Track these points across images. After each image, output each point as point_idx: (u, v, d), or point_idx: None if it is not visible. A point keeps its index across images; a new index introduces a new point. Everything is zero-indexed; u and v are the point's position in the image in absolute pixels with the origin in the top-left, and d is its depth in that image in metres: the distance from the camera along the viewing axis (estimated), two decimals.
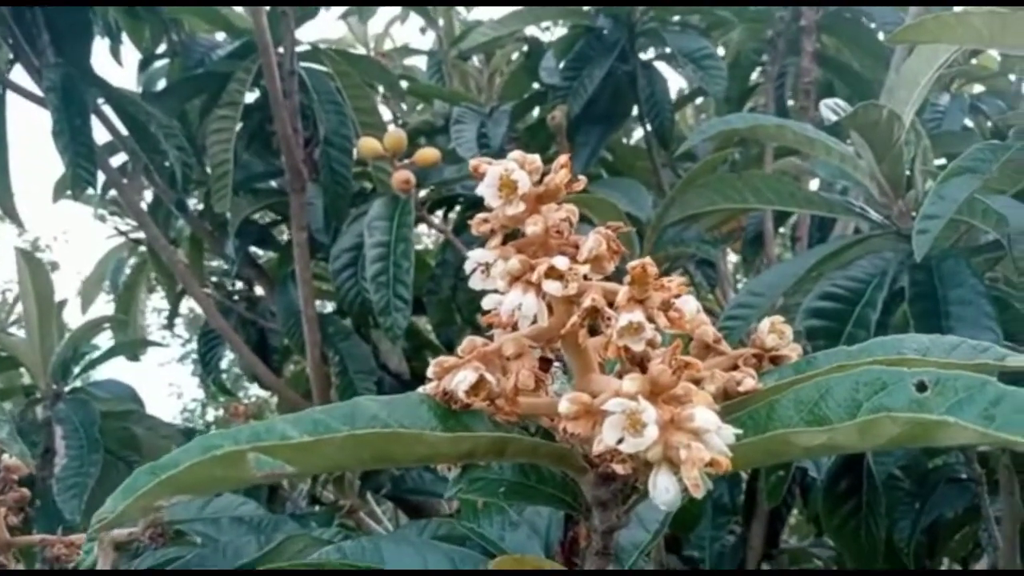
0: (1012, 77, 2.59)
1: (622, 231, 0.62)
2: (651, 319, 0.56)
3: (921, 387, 0.49)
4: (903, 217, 1.29)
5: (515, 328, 0.61)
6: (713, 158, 1.71)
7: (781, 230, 2.59)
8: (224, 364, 3.67)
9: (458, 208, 2.18)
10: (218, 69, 2.06)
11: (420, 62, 2.83)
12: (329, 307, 2.53)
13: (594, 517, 0.61)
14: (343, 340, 2.07)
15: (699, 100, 2.90)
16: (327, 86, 1.99)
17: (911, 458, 1.62)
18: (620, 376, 0.63)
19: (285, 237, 2.39)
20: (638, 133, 2.93)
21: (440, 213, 2.24)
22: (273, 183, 2.25)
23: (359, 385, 1.98)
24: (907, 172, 1.29)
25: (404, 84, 2.39)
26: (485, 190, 0.59)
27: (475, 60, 2.70)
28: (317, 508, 2.09)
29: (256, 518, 1.37)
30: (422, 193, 1.96)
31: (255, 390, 4.99)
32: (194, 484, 0.46)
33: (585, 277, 0.58)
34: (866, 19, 2.14)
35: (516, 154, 0.60)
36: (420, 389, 0.61)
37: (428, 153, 1.74)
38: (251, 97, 2.18)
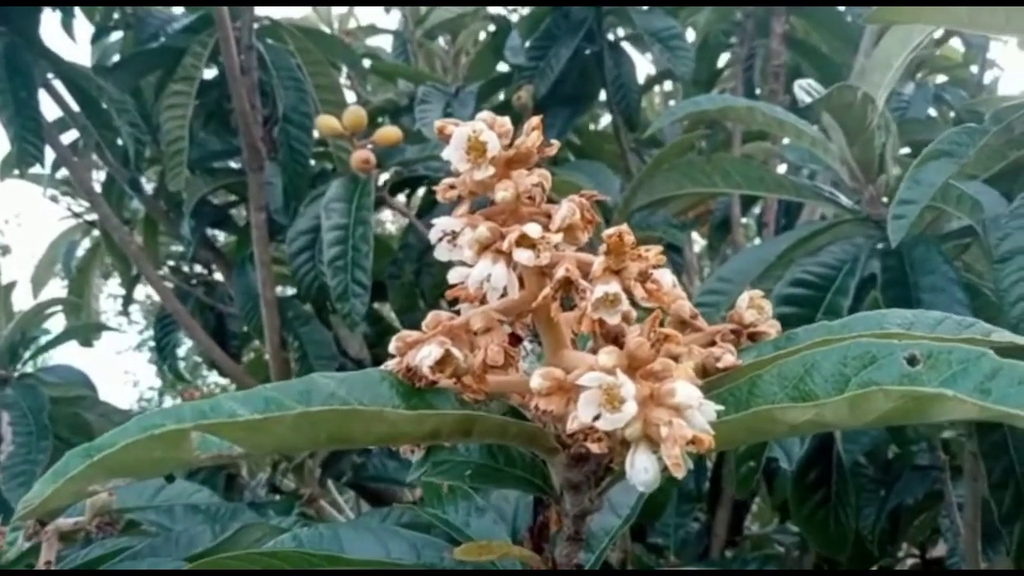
0: (974, 68, 2.61)
1: (596, 199, 0.59)
2: (628, 291, 0.53)
3: (912, 361, 0.46)
4: (874, 203, 1.27)
5: (483, 301, 0.58)
6: (682, 140, 1.69)
7: (744, 220, 2.58)
8: (182, 352, 3.59)
9: (422, 190, 2.13)
10: (174, 43, 1.98)
11: (385, 41, 2.77)
12: (289, 291, 2.48)
13: (565, 501, 0.58)
14: (303, 325, 2.02)
15: (668, 87, 2.88)
16: (287, 62, 1.93)
17: (874, 445, 1.62)
18: (594, 352, 0.60)
19: (244, 219, 2.32)
20: (605, 120, 2.90)
21: (403, 196, 2.19)
22: (231, 162, 2.19)
23: (319, 372, 1.92)
24: (878, 157, 1.27)
25: (367, 63, 2.33)
26: (452, 153, 0.56)
27: (441, 40, 2.65)
28: (276, 497, 2.04)
29: (212, 506, 1.33)
30: (384, 176, 1.91)
31: (214, 377, 4.91)
32: (131, 466, 0.42)
33: (556, 248, 0.55)
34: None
35: (485, 114, 0.56)
36: (381, 366, 0.57)
37: (388, 132, 1.69)
38: (209, 74, 2.11)
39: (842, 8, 2.10)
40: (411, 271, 2.04)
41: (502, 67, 2.27)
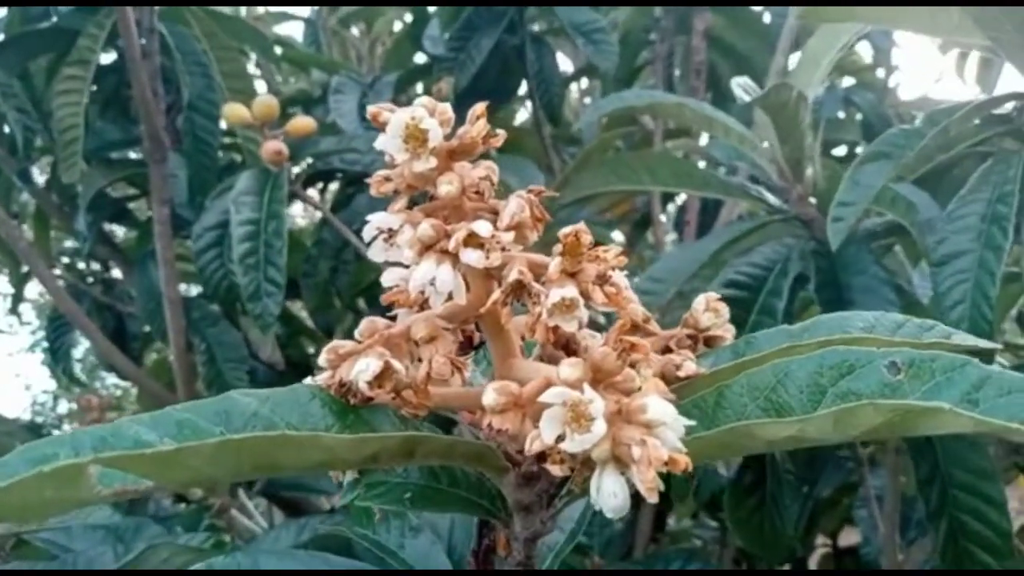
0: (880, 73, 2.69)
1: (545, 196, 0.54)
2: (586, 295, 0.48)
3: (892, 369, 0.43)
4: (801, 202, 1.27)
5: (423, 306, 0.52)
6: (607, 136, 1.66)
7: (662, 217, 2.59)
8: (78, 353, 3.38)
9: (336, 184, 2.05)
10: (67, 24, 1.84)
11: (295, 29, 2.66)
12: (195, 290, 2.35)
13: (515, 523, 0.53)
14: (210, 326, 1.91)
15: (585, 84, 2.86)
16: (192, 47, 1.81)
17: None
18: (542, 360, 0.55)
19: (145, 213, 2.19)
20: (521, 116, 2.86)
21: (316, 190, 2.10)
22: (131, 153, 2.05)
23: (229, 375, 1.83)
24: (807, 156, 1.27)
25: (278, 50, 2.22)
26: (388, 142, 0.50)
27: (354, 29, 2.56)
28: (183, 507, 1.93)
29: (113, 523, 1.23)
30: (296, 169, 1.82)
31: (112, 379, 4.67)
32: (15, 509, 0.35)
33: (504, 248, 0.50)
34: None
35: (424, 100, 0.51)
36: (308, 380, 0.51)
37: (302, 122, 1.61)
38: (107, 58, 1.98)
39: (759, 8, 2.11)
40: (326, 269, 1.96)
41: (420, 58, 2.21)
